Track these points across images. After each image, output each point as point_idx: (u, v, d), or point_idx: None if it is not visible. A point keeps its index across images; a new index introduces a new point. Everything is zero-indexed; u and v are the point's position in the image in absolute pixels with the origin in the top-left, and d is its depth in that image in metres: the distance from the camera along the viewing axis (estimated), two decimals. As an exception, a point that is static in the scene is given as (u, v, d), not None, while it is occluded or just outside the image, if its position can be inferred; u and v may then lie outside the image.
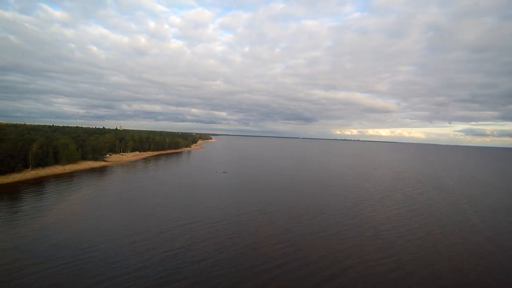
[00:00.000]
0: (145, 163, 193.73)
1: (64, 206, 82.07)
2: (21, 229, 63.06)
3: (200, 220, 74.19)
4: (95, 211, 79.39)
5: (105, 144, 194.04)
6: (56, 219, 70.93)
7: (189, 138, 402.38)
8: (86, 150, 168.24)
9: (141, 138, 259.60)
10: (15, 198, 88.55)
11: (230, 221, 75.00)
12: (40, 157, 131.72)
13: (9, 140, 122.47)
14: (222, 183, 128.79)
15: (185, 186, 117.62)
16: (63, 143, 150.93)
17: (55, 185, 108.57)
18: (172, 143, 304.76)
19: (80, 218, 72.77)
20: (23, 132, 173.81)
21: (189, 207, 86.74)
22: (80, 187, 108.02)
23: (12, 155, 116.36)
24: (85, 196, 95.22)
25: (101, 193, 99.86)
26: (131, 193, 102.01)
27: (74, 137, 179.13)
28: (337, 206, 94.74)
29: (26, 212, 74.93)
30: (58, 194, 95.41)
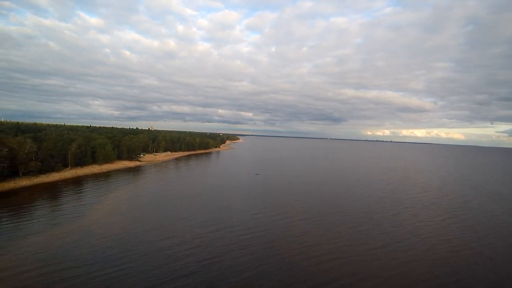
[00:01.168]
0: (177, 163, 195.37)
1: (102, 206, 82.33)
2: (60, 230, 63.05)
3: (236, 225, 70.37)
4: (131, 212, 78.68)
5: (139, 144, 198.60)
6: (94, 220, 70.67)
7: (218, 139, 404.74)
8: (122, 150, 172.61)
9: (172, 139, 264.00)
10: (55, 198, 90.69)
11: (267, 227, 70.28)
12: (78, 156, 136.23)
13: (49, 140, 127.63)
14: (255, 186, 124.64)
15: (218, 188, 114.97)
16: (100, 143, 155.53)
17: (93, 185, 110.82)
18: (202, 144, 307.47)
19: (117, 219, 72.06)
20: (62, 132, 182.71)
21: (224, 211, 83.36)
22: (116, 187, 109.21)
23: (52, 155, 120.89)
24: (122, 196, 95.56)
25: (137, 194, 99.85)
26: (165, 194, 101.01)
27: (110, 137, 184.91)
28: (382, 214, 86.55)
29: (65, 212, 75.72)
30: (96, 194, 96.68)
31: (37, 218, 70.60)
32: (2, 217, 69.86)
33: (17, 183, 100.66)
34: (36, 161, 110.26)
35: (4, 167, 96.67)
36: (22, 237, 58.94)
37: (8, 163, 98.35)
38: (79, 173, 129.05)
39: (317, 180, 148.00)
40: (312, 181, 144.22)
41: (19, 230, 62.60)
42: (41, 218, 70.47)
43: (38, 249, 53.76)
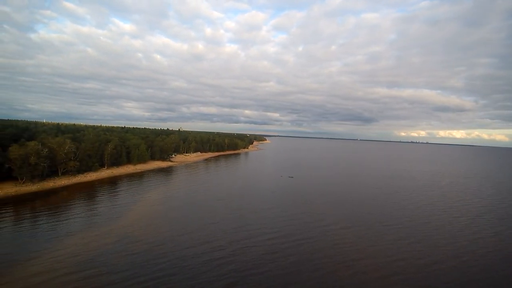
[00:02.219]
0: (208, 164, 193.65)
1: (137, 207, 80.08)
2: (97, 232, 60.72)
3: (272, 232, 64.66)
4: (166, 214, 75.77)
5: (171, 145, 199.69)
6: (130, 222, 68.07)
7: (245, 140, 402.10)
8: (155, 150, 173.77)
9: (202, 139, 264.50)
10: (92, 198, 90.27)
11: (306, 236, 63.74)
12: (114, 156, 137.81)
13: (87, 141, 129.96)
14: (290, 189, 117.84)
15: (252, 191, 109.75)
16: (135, 143, 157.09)
17: (128, 185, 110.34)
18: (231, 144, 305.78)
19: (152, 221, 69.16)
20: (99, 133, 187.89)
21: (259, 215, 77.74)
22: (151, 188, 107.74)
23: (90, 155, 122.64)
24: (156, 197, 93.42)
25: (171, 195, 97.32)
26: (199, 196, 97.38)
27: (143, 138, 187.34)
28: (435, 223, 76.08)
29: (101, 213, 74.02)
30: (131, 194, 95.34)
31: (74, 218, 69.37)
32: (41, 217, 69.51)
33: (56, 183, 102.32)
34: (75, 161, 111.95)
35: (45, 167, 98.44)
36: (59, 239, 56.97)
37: (48, 163, 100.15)
38: (115, 173, 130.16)
39: (355, 184, 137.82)
40: (350, 185, 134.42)
41: (56, 231, 61.10)
42: (78, 219, 69.13)
43: (74, 252, 51.23)
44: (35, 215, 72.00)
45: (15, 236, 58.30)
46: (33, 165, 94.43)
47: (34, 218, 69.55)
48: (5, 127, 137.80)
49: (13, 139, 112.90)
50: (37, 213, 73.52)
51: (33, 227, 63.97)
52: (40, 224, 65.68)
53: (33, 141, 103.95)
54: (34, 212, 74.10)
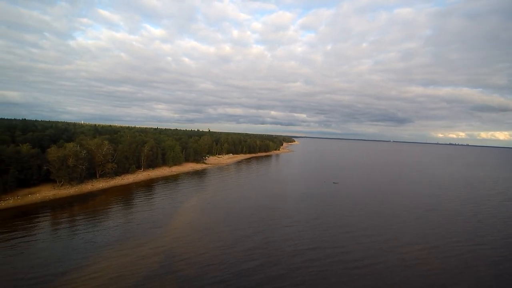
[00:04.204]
0: (242, 167, 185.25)
1: (179, 216, 72.53)
2: (137, 244, 53.48)
3: (343, 252, 53.05)
4: (209, 223, 68.13)
5: (205, 146, 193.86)
6: (171, 232, 60.75)
7: (276, 141, 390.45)
8: (189, 152, 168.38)
9: (234, 141, 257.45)
10: (130, 203, 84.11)
11: (379, 259, 51.99)
12: (150, 158, 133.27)
13: (124, 142, 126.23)
14: (339, 197, 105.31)
15: (300, 200, 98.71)
16: (170, 145, 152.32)
17: (165, 189, 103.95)
18: (262, 146, 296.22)
19: (197, 234, 61.48)
20: (135, 134, 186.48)
21: (312, 228, 66.81)
22: (189, 192, 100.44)
23: (127, 156, 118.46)
24: (196, 203, 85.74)
25: (211, 201, 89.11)
26: (243, 204, 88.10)
27: (177, 139, 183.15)
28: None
29: (140, 221, 67.03)
30: (170, 199, 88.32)
31: (113, 227, 62.81)
32: (78, 224, 63.65)
33: (94, 186, 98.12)
34: (112, 163, 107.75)
35: (83, 169, 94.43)
36: (97, 251, 51.10)
37: (86, 165, 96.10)
38: (151, 175, 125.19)
39: (413, 192, 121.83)
40: (407, 193, 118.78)
41: (93, 241, 54.80)
42: (116, 228, 62.51)
43: (114, 269, 44.10)
44: (73, 221, 66.60)
45: (51, 246, 53.00)
46: (72, 167, 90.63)
47: (72, 225, 64.16)
48: (45, 128, 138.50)
49: (52, 140, 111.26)
50: (75, 218, 68.26)
51: (70, 235, 58.49)
52: (77, 232, 60.08)
53: (71, 142, 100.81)
54: (72, 218, 68.89)
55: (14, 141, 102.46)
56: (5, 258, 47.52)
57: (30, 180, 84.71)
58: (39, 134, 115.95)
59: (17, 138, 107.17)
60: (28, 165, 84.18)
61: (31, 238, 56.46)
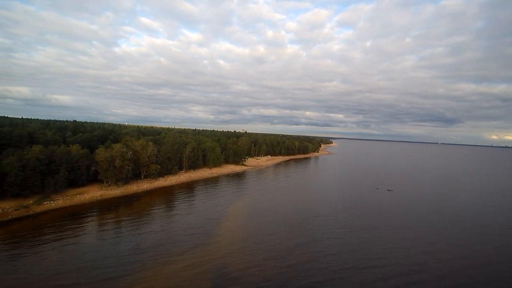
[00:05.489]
0: (282, 169, 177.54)
1: (225, 221, 67.36)
2: (179, 248, 48.56)
3: (396, 267, 43.09)
4: (252, 229, 63.23)
5: (244, 148, 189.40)
6: (221, 241, 55.58)
7: (314, 142, 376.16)
8: (228, 153, 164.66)
9: (272, 142, 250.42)
10: (174, 206, 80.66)
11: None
12: (192, 160, 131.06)
13: (167, 143, 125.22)
14: (399, 207, 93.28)
15: (355, 208, 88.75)
16: (210, 146, 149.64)
17: (208, 192, 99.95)
18: (301, 148, 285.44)
19: (238, 237, 57.10)
20: (176, 135, 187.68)
21: (369, 241, 57.01)
22: (232, 196, 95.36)
23: (170, 157, 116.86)
24: (238, 207, 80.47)
25: (256, 206, 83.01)
26: (287, 209, 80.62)
27: (216, 140, 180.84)
28: None
29: (187, 226, 62.65)
30: (214, 204, 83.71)
31: (157, 232, 59.31)
32: (125, 228, 60.77)
33: (139, 187, 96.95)
34: (156, 164, 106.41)
35: (129, 170, 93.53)
36: (142, 258, 48.03)
37: (132, 166, 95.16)
38: (193, 177, 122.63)
39: (490, 202, 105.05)
40: (482, 204, 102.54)
41: (140, 248, 51.29)
42: (160, 233, 58.84)
43: (159, 279, 40.74)
44: (119, 224, 64.53)
45: (97, 250, 50.78)
46: (118, 168, 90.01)
47: (117, 228, 62.06)
48: (93, 129, 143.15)
49: (100, 140, 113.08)
50: (121, 220, 66.26)
51: (116, 239, 56.14)
52: (123, 236, 57.66)
53: (118, 143, 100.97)
54: (118, 220, 66.95)
55: (65, 141, 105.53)
56: (51, 261, 45.62)
57: (79, 180, 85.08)
58: (88, 135, 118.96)
59: (68, 138, 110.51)
60: (77, 166, 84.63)
61: (78, 239, 54.97)
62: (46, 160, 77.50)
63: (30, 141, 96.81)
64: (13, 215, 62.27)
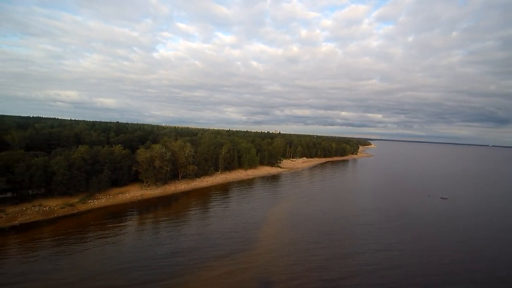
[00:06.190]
0: (319, 172, 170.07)
1: (258, 223, 63.60)
2: (217, 252, 45.56)
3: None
4: (292, 236, 58.82)
5: (279, 149, 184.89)
6: (253, 242, 52.21)
7: (351, 143, 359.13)
8: (264, 155, 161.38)
9: (307, 144, 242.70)
10: (211, 208, 78.92)
11: None
12: (227, 161, 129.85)
13: (204, 144, 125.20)
14: (459, 220, 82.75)
15: (398, 217, 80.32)
16: (245, 147, 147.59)
17: (244, 194, 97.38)
18: (338, 149, 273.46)
19: (277, 244, 52.97)
20: (211, 136, 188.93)
21: (424, 256, 49.64)
22: (267, 198, 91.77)
23: (206, 158, 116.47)
24: (276, 211, 76.62)
25: (290, 209, 78.43)
26: (328, 216, 74.84)
27: (250, 141, 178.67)
28: None
29: (221, 228, 60.14)
30: (249, 206, 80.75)
31: (194, 235, 57.28)
32: (163, 229, 59.79)
33: (177, 187, 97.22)
34: (193, 165, 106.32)
35: (167, 171, 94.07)
36: (180, 261, 46.51)
37: (170, 167, 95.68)
38: (229, 178, 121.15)
39: None
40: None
41: (178, 252, 49.89)
42: (198, 237, 56.87)
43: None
44: (157, 224, 64.33)
45: (136, 250, 50.38)
46: (157, 168, 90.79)
47: (156, 229, 61.77)
48: (134, 130, 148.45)
49: (140, 141, 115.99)
50: (159, 221, 66.00)
51: (154, 240, 55.44)
52: (161, 237, 56.85)
53: (157, 144, 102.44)
54: (156, 221, 66.89)
55: (108, 142, 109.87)
56: (93, 261, 45.72)
57: (121, 180, 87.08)
58: (129, 136, 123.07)
59: (111, 139, 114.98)
60: (119, 166, 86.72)
61: (118, 239, 55.19)
62: (91, 160, 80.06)
63: (77, 141, 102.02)
64: (59, 213, 64.47)
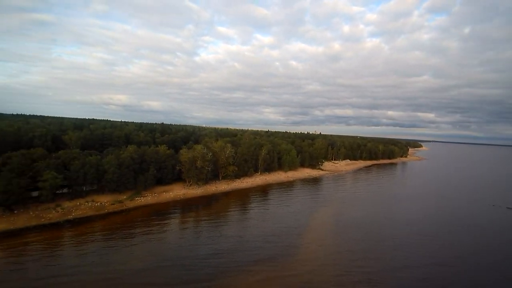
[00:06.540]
0: (365, 176, 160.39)
1: (302, 229, 60.47)
2: (259, 257, 43.52)
3: None
4: (339, 245, 53.77)
5: (321, 150, 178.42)
6: (297, 248, 49.40)
7: (400, 145, 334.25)
8: (304, 156, 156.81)
9: (351, 145, 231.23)
10: (251, 211, 77.76)
11: None
12: (267, 162, 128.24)
13: (244, 144, 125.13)
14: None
15: (458, 228, 71.07)
16: (285, 148, 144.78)
17: (283, 196, 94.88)
18: (386, 151, 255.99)
19: (324, 253, 48.20)
20: (250, 137, 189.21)
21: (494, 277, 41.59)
22: (309, 202, 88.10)
23: (246, 159, 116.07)
24: (320, 217, 72.67)
25: (336, 215, 73.65)
26: (379, 226, 68.82)
27: (290, 142, 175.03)
28: None
29: (262, 232, 58.16)
30: (290, 209, 77.95)
31: (235, 237, 56.10)
32: (204, 229, 59.93)
33: (218, 188, 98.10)
34: (234, 165, 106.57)
35: (208, 171, 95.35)
36: (221, 263, 45.82)
37: (211, 167, 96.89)
38: (268, 180, 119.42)
39: None
40: None
41: (218, 253, 49.26)
42: (239, 239, 55.65)
43: None
44: (198, 224, 65.24)
45: (179, 249, 51.06)
46: (199, 168, 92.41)
47: (197, 228, 62.65)
48: (178, 130, 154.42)
49: (183, 141, 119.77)
50: (200, 220, 66.76)
51: (196, 239, 55.80)
52: (202, 237, 57.04)
53: (199, 144, 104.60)
54: (198, 220, 67.89)
55: (154, 142, 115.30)
56: (137, 256, 46.95)
57: (165, 179, 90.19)
58: (173, 136, 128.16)
59: (157, 139, 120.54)
60: (164, 165, 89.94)
61: (162, 236, 56.79)
62: (138, 159, 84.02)
63: (126, 141, 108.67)
64: (109, 209, 68.33)
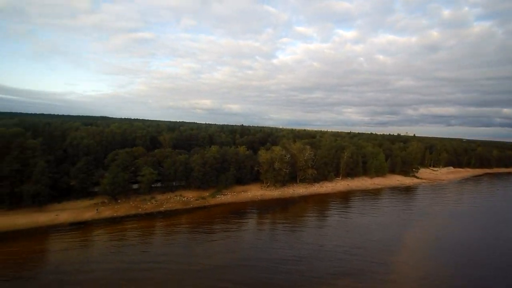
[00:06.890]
0: (472, 187, 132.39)
1: (394, 246, 51.72)
2: (344, 270, 38.18)
3: None
4: (441, 272, 43.62)
5: (416, 155, 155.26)
6: (389, 268, 41.30)
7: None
8: (395, 161, 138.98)
9: (455, 149, 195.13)
10: (329, 219, 71.79)
11: None
12: (350, 166, 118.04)
13: (324, 147, 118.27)
14: None
15: None
16: (372, 152, 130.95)
17: (369, 205, 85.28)
18: (502, 158, 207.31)
19: (414, 276, 38.39)
20: (331, 138, 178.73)
21: None
22: (401, 215, 76.44)
23: (326, 162, 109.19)
24: (414, 234, 61.71)
25: (434, 234, 61.29)
26: (488, 250, 53.65)
27: (378, 145, 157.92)
28: None
29: (346, 244, 52.12)
30: (377, 221, 68.76)
31: (312, 244, 51.50)
32: (281, 233, 57.59)
33: (295, 191, 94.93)
34: (313, 168, 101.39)
35: (286, 173, 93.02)
36: (304, 270, 41.79)
37: (289, 169, 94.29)
38: (351, 186, 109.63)
39: None
40: None
41: (298, 260, 44.94)
42: (319, 249, 51.02)
43: None
44: (275, 226, 63.66)
45: (253, 250, 49.45)
46: (277, 170, 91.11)
47: (273, 230, 61.07)
48: (256, 132, 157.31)
49: (261, 142, 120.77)
50: (277, 223, 65.00)
51: (270, 243, 53.84)
52: (277, 241, 54.62)
53: (277, 146, 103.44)
54: (274, 222, 66.45)
55: (234, 143, 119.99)
56: (218, 252, 48.07)
57: (244, 179, 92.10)
58: (251, 137, 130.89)
59: (237, 140, 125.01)
60: (243, 165, 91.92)
61: (240, 234, 57.73)
62: (220, 159, 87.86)
63: (210, 142, 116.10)
64: (194, 204, 73.19)
